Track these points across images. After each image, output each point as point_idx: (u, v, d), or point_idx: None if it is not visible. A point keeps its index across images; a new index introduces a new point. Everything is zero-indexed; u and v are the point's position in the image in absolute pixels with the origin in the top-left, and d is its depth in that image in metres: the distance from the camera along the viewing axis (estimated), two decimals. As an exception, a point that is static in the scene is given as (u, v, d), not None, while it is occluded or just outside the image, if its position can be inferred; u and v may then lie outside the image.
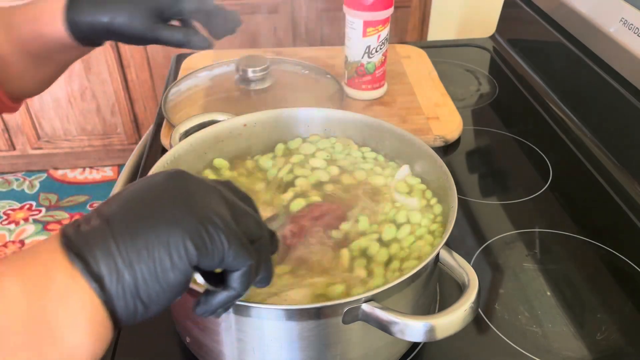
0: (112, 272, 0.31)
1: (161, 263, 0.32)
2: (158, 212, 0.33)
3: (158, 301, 0.33)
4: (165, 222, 0.33)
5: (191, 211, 0.33)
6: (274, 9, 1.72)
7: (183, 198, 0.34)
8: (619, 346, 0.53)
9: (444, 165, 0.52)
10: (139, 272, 0.32)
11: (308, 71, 0.89)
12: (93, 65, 1.80)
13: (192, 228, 0.33)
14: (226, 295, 0.36)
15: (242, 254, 0.34)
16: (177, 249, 0.32)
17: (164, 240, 0.32)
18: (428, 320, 0.39)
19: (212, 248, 0.33)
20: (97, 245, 0.31)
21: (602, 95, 0.78)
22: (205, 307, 0.37)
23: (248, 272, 0.35)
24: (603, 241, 0.63)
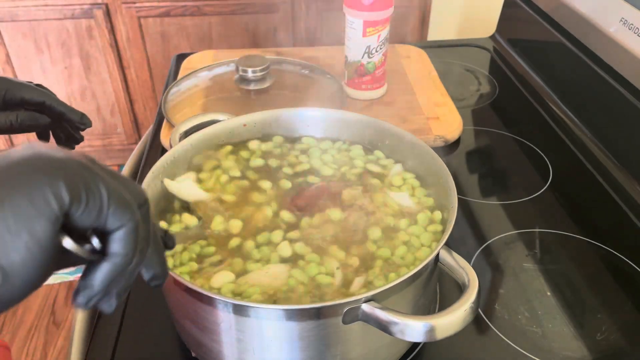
0: None
1: (21, 211, 0.26)
2: (15, 170, 0.27)
3: (22, 266, 0.26)
4: (25, 174, 0.27)
5: (59, 161, 0.28)
6: (274, 9, 1.72)
7: (44, 154, 0.28)
8: (619, 346, 0.53)
9: (444, 165, 0.52)
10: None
11: (308, 71, 0.89)
12: (93, 66, 1.80)
13: (62, 173, 0.27)
14: (108, 266, 0.29)
15: (125, 207, 0.29)
16: (43, 193, 0.26)
17: (23, 187, 0.26)
18: (428, 320, 0.39)
19: (87, 195, 0.28)
20: None
21: (602, 95, 0.78)
22: (86, 291, 0.30)
23: (132, 231, 0.29)
24: (603, 241, 0.63)
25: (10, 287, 0.26)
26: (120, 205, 0.29)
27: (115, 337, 0.53)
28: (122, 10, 1.69)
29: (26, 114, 0.58)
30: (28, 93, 0.58)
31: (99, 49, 1.76)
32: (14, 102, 0.57)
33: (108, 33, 1.73)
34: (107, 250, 0.29)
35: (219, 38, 1.76)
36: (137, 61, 1.80)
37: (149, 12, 1.70)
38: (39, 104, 0.59)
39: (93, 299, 0.30)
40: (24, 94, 0.58)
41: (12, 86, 0.57)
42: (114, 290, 0.31)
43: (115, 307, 0.31)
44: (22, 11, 1.67)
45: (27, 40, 1.73)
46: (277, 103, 0.81)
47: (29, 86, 0.59)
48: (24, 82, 0.59)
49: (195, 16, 1.72)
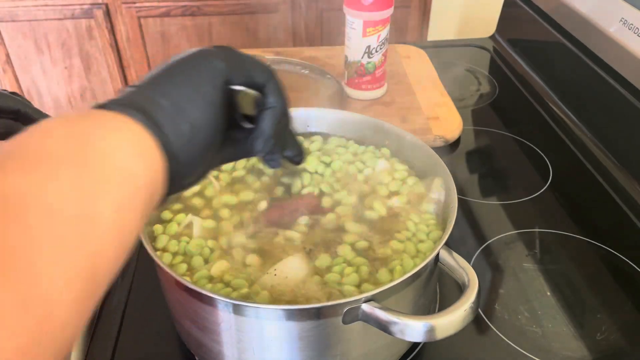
0: (150, 104, 0.32)
1: (192, 80, 0.34)
2: (186, 58, 0.37)
3: (202, 119, 0.34)
4: (190, 59, 0.36)
5: (210, 48, 0.38)
6: (274, 8, 1.72)
7: (200, 50, 0.38)
8: (619, 346, 0.53)
9: (444, 165, 0.52)
10: (175, 96, 0.33)
11: (308, 71, 0.89)
12: (93, 66, 1.80)
13: (214, 52, 0.37)
14: (271, 112, 0.39)
15: (264, 65, 0.39)
16: (206, 66, 0.35)
17: (190, 65, 0.35)
18: (428, 320, 0.39)
19: (237, 61, 0.37)
20: (130, 92, 0.33)
21: (602, 95, 0.78)
22: (261, 136, 0.40)
23: (278, 82, 0.39)
24: (603, 241, 0.63)
25: (196, 136, 0.34)
26: (258, 63, 0.39)
27: (115, 337, 0.53)
28: (122, 10, 1.69)
29: (0, 121, 0.58)
30: (2, 101, 0.58)
31: (99, 49, 1.76)
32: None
33: (108, 33, 1.73)
34: (266, 104, 0.39)
35: (219, 38, 1.76)
36: (137, 61, 1.80)
37: (149, 12, 1.70)
38: (13, 111, 0.59)
39: (268, 143, 0.40)
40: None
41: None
42: (278, 140, 0.41)
43: (279, 163, 0.44)
44: (22, 11, 1.67)
45: (27, 40, 1.73)
46: (277, 103, 0.81)
47: (2, 94, 0.59)
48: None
49: (195, 16, 1.72)
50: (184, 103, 0.33)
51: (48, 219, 0.23)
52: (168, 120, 0.32)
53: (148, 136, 0.31)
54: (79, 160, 0.27)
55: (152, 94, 0.33)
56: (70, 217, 0.24)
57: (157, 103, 0.32)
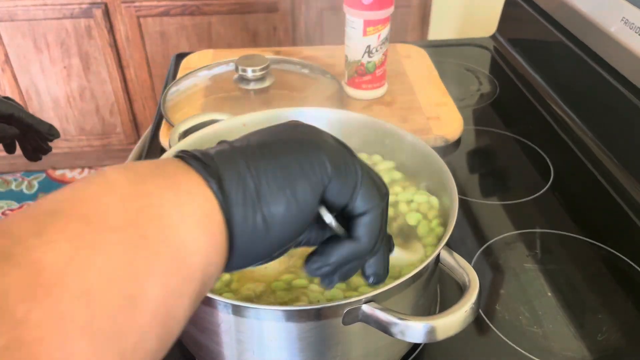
0: (232, 175, 0.27)
1: (291, 171, 0.28)
2: (291, 138, 0.31)
3: (281, 220, 0.28)
4: (299, 141, 0.30)
5: (327, 136, 0.31)
6: (274, 8, 1.72)
7: (316, 132, 0.32)
8: (620, 346, 0.53)
9: (444, 165, 0.52)
10: (263, 177, 0.27)
11: (308, 71, 0.89)
12: (92, 65, 1.80)
13: (328, 148, 0.30)
14: (349, 247, 0.31)
15: (374, 191, 0.31)
16: (311, 160, 0.29)
17: (296, 150, 0.29)
18: (428, 321, 0.39)
19: (346, 171, 0.30)
20: (221, 155, 0.28)
21: (603, 95, 0.78)
22: (322, 260, 0.32)
23: (378, 218, 0.31)
24: (604, 241, 0.63)
25: (267, 235, 0.28)
26: (371, 187, 0.31)
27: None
28: (122, 10, 1.69)
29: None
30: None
31: (98, 48, 1.76)
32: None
33: (107, 32, 1.73)
34: (353, 234, 0.31)
35: (219, 38, 1.76)
36: (136, 61, 1.79)
37: (149, 11, 1.70)
38: (7, 116, 0.60)
39: (323, 269, 0.32)
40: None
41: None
42: (341, 270, 0.33)
43: (333, 286, 0.34)
44: (21, 11, 1.67)
45: (26, 39, 1.73)
46: (277, 103, 0.81)
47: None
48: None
49: (194, 16, 1.72)
50: (267, 189, 0.27)
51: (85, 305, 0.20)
52: (243, 200, 0.27)
53: (218, 209, 0.26)
54: (136, 230, 0.23)
55: (239, 160, 0.28)
56: (111, 303, 0.21)
57: (240, 176, 0.27)
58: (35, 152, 0.65)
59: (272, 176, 0.28)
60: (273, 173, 0.28)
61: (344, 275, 0.33)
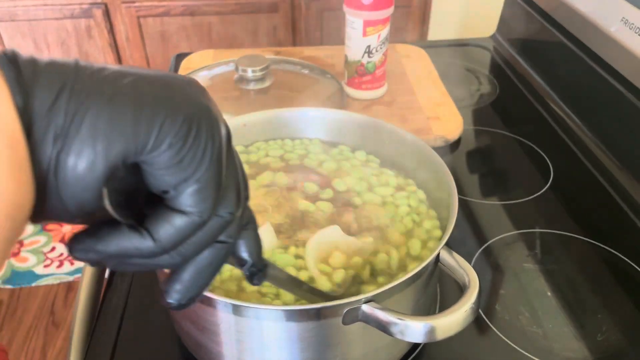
0: (45, 97, 0.22)
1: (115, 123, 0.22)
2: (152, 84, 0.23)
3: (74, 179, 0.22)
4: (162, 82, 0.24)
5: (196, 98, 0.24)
6: (274, 8, 1.72)
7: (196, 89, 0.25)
8: (620, 347, 0.53)
9: (444, 165, 0.52)
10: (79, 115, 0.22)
11: (308, 71, 0.89)
12: (93, 65, 1.80)
13: (186, 109, 0.23)
14: (133, 243, 0.24)
15: (210, 192, 0.24)
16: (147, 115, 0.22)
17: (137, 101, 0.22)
18: (428, 321, 0.39)
19: (188, 145, 0.23)
20: (50, 70, 0.22)
21: (603, 95, 0.78)
22: (90, 245, 0.24)
23: (194, 227, 0.24)
24: (604, 241, 0.63)
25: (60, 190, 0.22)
26: (209, 183, 0.24)
27: (115, 338, 0.53)
28: (122, 10, 1.69)
29: None
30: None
31: (98, 48, 1.76)
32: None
33: (107, 33, 1.73)
34: (148, 226, 0.24)
35: (219, 38, 1.76)
36: (136, 61, 1.80)
37: (149, 11, 1.70)
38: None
39: (90, 254, 0.25)
40: None
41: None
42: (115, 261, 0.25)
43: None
44: (21, 11, 1.67)
45: (26, 39, 1.73)
46: (277, 103, 0.81)
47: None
48: None
49: (195, 16, 1.72)
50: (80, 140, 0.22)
51: None
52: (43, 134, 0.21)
53: (22, 140, 0.21)
54: None
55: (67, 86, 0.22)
56: None
57: (56, 105, 0.22)
58: None
59: (90, 114, 0.22)
60: (97, 119, 0.22)
61: (119, 266, 0.26)
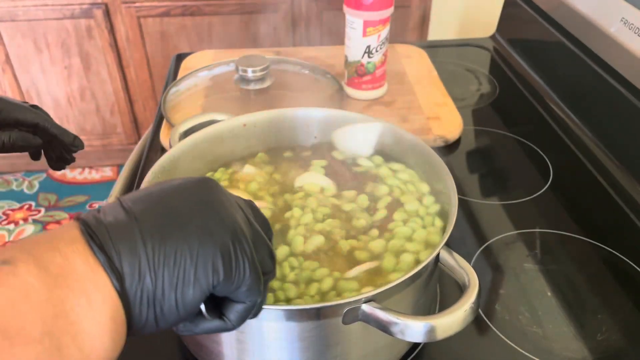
0: (134, 272, 0.29)
1: (185, 275, 0.30)
2: (190, 219, 0.31)
3: (169, 317, 0.30)
4: (197, 230, 0.30)
5: (223, 224, 0.31)
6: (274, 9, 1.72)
7: (215, 207, 0.32)
8: (620, 347, 0.53)
9: (444, 165, 0.52)
10: (160, 279, 0.29)
11: (308, 71, 0.89)
12: (92, 65, 1.80)
13: (224, 244, 0.31)
14: (218, 326, 0.34)
15: (256, 288, 0.33)
16: (205, 263, 0.30)
17: (194, 250, 0.30)
18: (428, 320, 0.39)
19: (235, 272, 0.31)
20: (123, 240, 0.29)
21: (602, 95, 0.78)
22: (190, 327, 0.34)
23: (252, 308, 0.34)
24: (604, 241, 0.63)
25: (155, 327, 0.30)
26: (253, 285, 0.32)
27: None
28: (122, 10, 1.69)
29: (19, 134, 0.59)
30: (22, 114, 0.59)
31: (98, 48, 1.76)
32: (8, 122, 0.58)
33: (108, 33, 1.73)
34: (224, 313, 0.34)
35: (219, 38, 1.76)
36: (136, 61, 1.80)
37: (149, 11, 1.70)
38: (32, 125, 0.59)
39: (186, 333, 0.35)
40: (18, 115, 0.58)
41: (7, 107, 0.58)
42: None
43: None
44: (22, 11, 1.67)
45: (27, 40, 1.73)
46: (277, 103, 0.81)
47: (23, 107, 0.60)
48: (19, 102, 0.60)
49: (195, 16, 1.72)
50: (161, 292, 0.29)
51: None
52: (140, 300, 0.29)
53: (120, 309, 0.29)
54: (51, 341, 0.25)
55: (142, 255, 0.29)
56: None
57: (141, 275, 0.29)
58: (59, 161, 0.65)
59: (168, 276, 0.29)
60: (169, 272, 0.29)
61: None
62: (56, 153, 0.65)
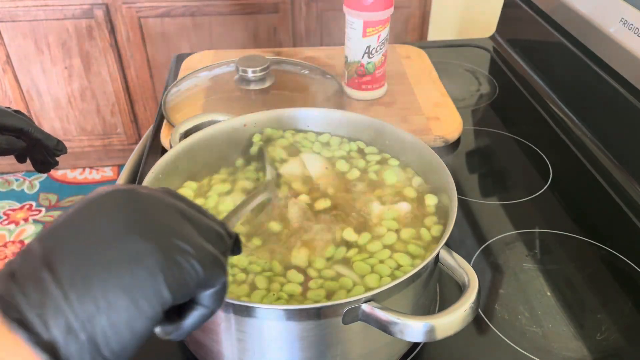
0: (65, 334, 0.25)
1: (124, 314, 0.26)
2: (113, 247, 0.27)
3: (124, 353, 0.27)
4: (123, 259, 0.27)
5: (153, 240, 0.28)
6: (274, 9, 1.72)
7: (139, 223, 0.28)
8: (619, 346, 0.53)
9: (444, 165, 0.52)
10: (98, 328, 0.26)
11: (308, 71, 0.89)
12: (93, 65, 1.80)
13: (159, 263, 0.27)
14: (200, 315, 0.31)
15: (217, 272, 0.30)
16: (144, 293, 0.26)
17: (125, 283, 0.26)
18: (428, 320, 0.39)
19: (185, 281, 0.28)
20: (41, 300, 0.25)
21: (602, 96, 0.78)
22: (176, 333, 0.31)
23: (223, 288, 0.31)
24: (603, 241, 0.63)
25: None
26: (213, 273, 0.30)
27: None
28: (123, 11, 1.69)
29: (3, 138, 0.61)
30: (6, 119, 0.62)
31: (99, 49, 1.77)
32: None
33: (108, 33, 1.73)
34: (197, 302, 0.31)
35: (219, 38, 1.76)
36: (137, 61, 1.80)
37: (150, 12, 1.70)
38: (17, 129, 0.62)
39: (178, 337, 0.32)
40: (2, 120, 0.61)
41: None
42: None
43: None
44: (22, 11, 1.67)
45: (27, 40, 1.73)
46: (277, 103, 0.81)
47: (7, 112, 0.62)
48: (3, 108, 0.62)
49: (195, 16, 1.72)
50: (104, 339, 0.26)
51: None
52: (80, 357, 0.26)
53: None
54: None
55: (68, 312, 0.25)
56: None
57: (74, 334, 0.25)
58: (43, 164, 0.68)
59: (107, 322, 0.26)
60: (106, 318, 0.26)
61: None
62: (40, 157, 0.67)
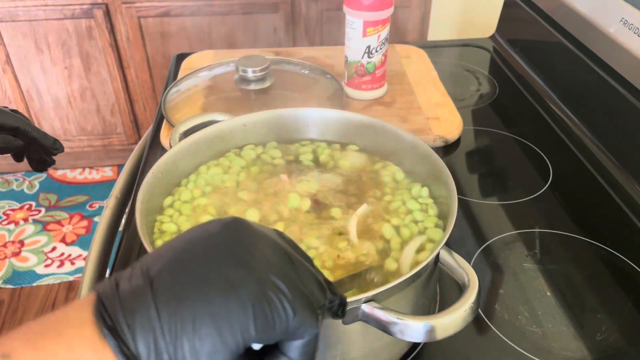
0: (150, 351, 0.26)
1: (207, 341, 0.26)
2: (210, 273, 0.27)
3: None
4: (218, 286, 0.27)
5: (250, 270, 0.28)
6: (274, 9, 1.72)
7: (240, 254, 0.29)
8: (619, 346, 0.53)
9: (444, 165, 0.52)
10: (180, 352, 0.26)
11: (308, 71, 0.89)
12: (93, 65, 1.80)
13: (252, 295, 0.27)
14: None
15: (309, 321, 0.29)
16: (230, 324, 0.27)
17: (215, 310, 0.27)
18: (428, 320, 0.39)
19: (274, 321, 0.28)
20: (136, 312, 0.26)
21: (602, 96, 0.78)
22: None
23: (313, 341, 0.30)
24: (603, 241, 0.63)
25: None
26: (305, 320, 0.29)
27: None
28: (122, 10, 1.69)
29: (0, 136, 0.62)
30: (3, 118, 0.62)
31: (99, 48, 1.77)
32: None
33: (108, 33, 1.73)
34: (282, 351, 0.30)
35: (219, 38, 1.76)
36: (137, 61, 1.80)
37: (149, 12, 1.70)
38: (13, 128, 0.63)
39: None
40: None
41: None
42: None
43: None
44: (22, 11, 1.67)
45: (27, 40, 1.73)
46: (277, 103, 0.81)
47: (4, 112, 0.62)
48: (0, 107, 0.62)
49: (195, 16, 1.72)
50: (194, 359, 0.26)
51: None
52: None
53: None
54: None
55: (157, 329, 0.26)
56: None
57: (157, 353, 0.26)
58: (39, 163, 0.68)
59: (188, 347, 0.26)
60: (189, 342, 0.26)
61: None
62: (37, 155, 0.68)
